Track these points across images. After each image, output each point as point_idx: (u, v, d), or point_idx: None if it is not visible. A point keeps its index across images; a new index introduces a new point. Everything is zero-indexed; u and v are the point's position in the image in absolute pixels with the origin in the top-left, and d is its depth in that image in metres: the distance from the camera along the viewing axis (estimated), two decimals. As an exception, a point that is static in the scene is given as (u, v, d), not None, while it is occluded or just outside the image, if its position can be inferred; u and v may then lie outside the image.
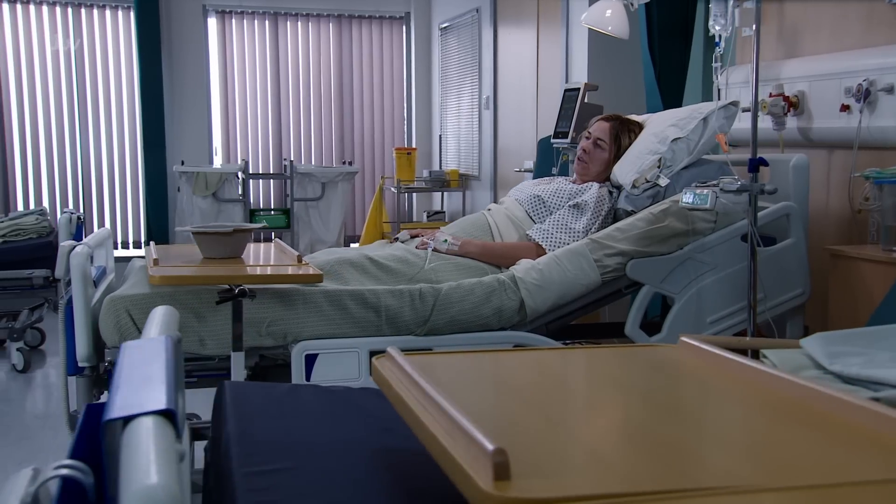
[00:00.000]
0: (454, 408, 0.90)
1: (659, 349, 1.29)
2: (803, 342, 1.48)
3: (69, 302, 2.80)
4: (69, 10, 7.13)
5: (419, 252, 3.26)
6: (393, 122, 7.86)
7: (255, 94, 7.53)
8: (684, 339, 1.26)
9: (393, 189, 7.14)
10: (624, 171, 3.39)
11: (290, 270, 2.62)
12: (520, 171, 5.65)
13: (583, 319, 4.24)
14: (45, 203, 7.16)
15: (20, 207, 7.06)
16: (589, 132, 3.57)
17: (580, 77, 5.03)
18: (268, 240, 7.40)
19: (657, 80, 4.49)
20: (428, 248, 3.28)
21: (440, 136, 7.64)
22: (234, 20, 7.45)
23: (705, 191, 2.88)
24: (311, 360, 2.85)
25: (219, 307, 2.75)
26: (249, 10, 7.42)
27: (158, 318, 1.17)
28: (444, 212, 7.25)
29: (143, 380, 0.84)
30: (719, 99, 4.19)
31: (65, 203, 7.20)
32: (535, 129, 5.70)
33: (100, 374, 2.82)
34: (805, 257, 3.22)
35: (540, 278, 3.04)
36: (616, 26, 3.99)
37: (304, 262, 2.63)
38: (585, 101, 4.18)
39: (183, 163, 6.71)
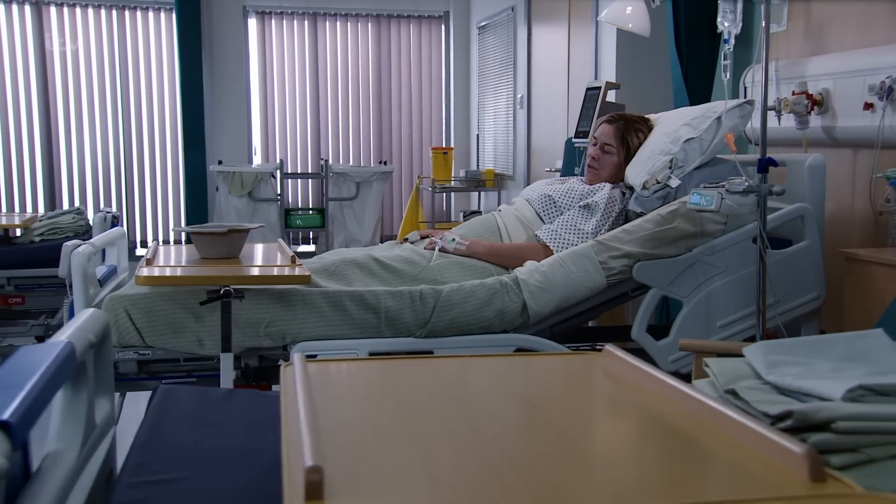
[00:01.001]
0: (304, 419, 0.88)
1: (582, 358, 1.25)
2: (745, 351, 1.42)
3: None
4: (113, 12, 7.26)
5: (425, 252, 3.24)
6: (431, 121, 7.85)
7: (293, 94, 7.58)
8: (608, 348, 1.22)
9: (428, 189, 7.13)
10: (635, 171, 3.33)
11: (276, 272, 2.61)
12: (551, 170, 5.60)
13: (607, 321, 4.20)
14: (90, 202, 7.30)
15: (66, 206, 7.21)
16: (595, 137, 3.51)
17: (609, 76, 4.97)
18: (306, 239, 7.49)
19: (684, 78, 4.41)
20: (435, 248, 3.26)
21: (477, 135, 7.61)
22: (273, 20, 7.51)
23: (711, 192, 2.81)
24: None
25: (217, 309, 2.76)
26: (289, 11, 7.48)
27: (76, 322, 1.17)
28: (480, 211, 7.22)
29: (2, 387, 0.83)
30: (743, 97, 4.12)
31: (108, 202, 7.33)
32: (566, 128, 5.64)
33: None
34: (820, 260, 3.13)
35: (543, 280, 3.00)
36: (637, 23, 3.93)
37: (297, 263, 2.62)
38: (607, 99, 4.12)
39: (220, 162, 6.78)
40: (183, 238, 7.17)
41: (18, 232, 5.57)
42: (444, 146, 7.56)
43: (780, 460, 0.82)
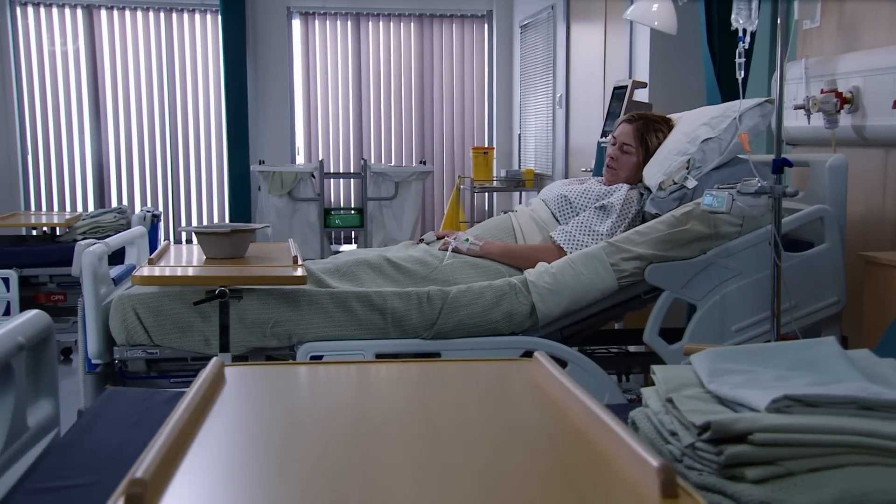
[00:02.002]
0: (168, 429, 0.87)
1: (512, 364, 1.22)
2: (692, 358, 1.38)
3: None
4: (161, 14, 7.38)
5: (439, 253, 3.23)
6: (473, 121, 7.83)
7: (336, 94, 7.63)
8: (537, 355, 1.19)
9: (466, 189, 7.11)
10: (652, 172, 3.27)
11: (271, 272, 2.62)
12: (587, 170, 5.54)
13: (637, 324, 4.14)
14: (137, 201, 7.44)
15: (114, 205, 7.36)
16: (614, 136, 3.46)
17: (642, 74, 4.90)
18: (348, 239, 7.53)
19: (717, 76, 4.33)
20: (448, 249, 3.24)
21: (519, 135, 7.57)
22: (316, 21, 7.56)
23: (723, 193, 2.75)
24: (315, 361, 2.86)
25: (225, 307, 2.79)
26: (332, 11, 7.52)
27: (10, 324, 1.18)
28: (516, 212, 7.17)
29: None
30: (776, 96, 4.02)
31: (154, 202, 7.46)
32: (601, 127, 5.58)
33: (113, 371, 2.90)
34: (840, 264, 3.03)
35: (552, 282, 2.96)
36: (663, 21, 3.86)
37: (299, 264, 2.63)
38: (633, 98, 4.06)
39: (261, 162, 6.86)
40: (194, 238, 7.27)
41: (59, 230, 5.70)
42: (485, 146, 7.53)
43: (638, 475, 0.79)
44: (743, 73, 2.91)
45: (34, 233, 6.17)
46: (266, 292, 2.83)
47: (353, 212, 6.85)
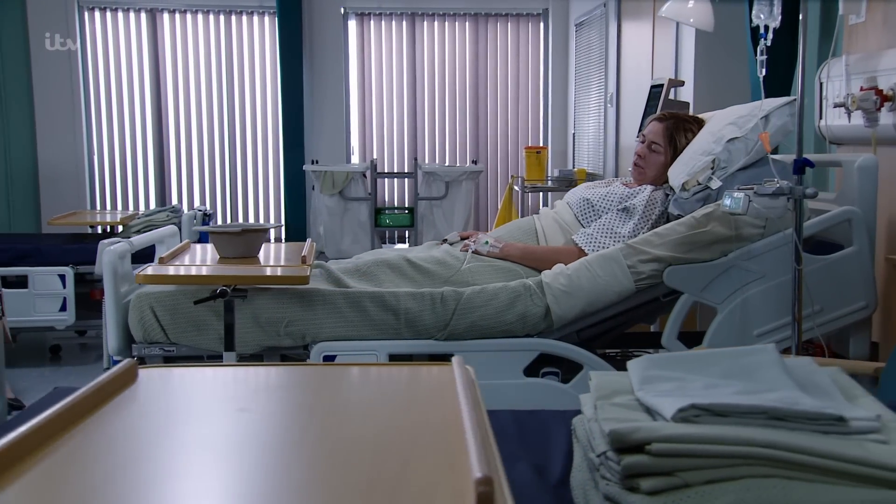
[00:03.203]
0: (34, 421, 0.88)
1: (430, 369, 1.20)
2: (629, 364, 1.35)
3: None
4: (221, 17, 7.52)
5: (460, 255, 3.22)
6: (528, 120, 7.79)
7: (391, 94, 7.67)
8: (455, 359, 1.17)
9: (517, 189, 7.07)
10: (676, 172, 3.21)
11: (272, 272, 2.64)
12: (634, 170, 5.46)
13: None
14: (196, 200, 7.59)
15: (174, 203, 7.53)
16: (643, 135, 3.40)
17: (687, 73, 4.80)
18: (402, 238, 7.56)
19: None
20: (469, 251, 3.23)
21: (573, 134, 7.50)
22: (371, 21, 7.61)
23: (740, 194, 2.68)
24: (329, 361, 2.88)
25: (239, 307, 2.82)
26: (387, 12, 7.56)
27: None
28: (574, 211, 7.10)
29: None
30: (818, 93, 3.90)
31: (213, 201, 7.60)
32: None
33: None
34: (869, 267, 2.93)
35: (568, 284, 2.93)
36: (698, 18, 3.78)
37: (307, 264, 2.65)
38: (670, 97, 3.99)
39: (314, 162, 6.93)
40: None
41: (116, 229, 5.86)
42: (536, 145, 7.48)
43: (465, 486, 0.77)
44: (765, 70, 2.82)
45: (96, 231, 6.34)
46: (280, 292, 2.86)
47: (404, 211, 6.87)
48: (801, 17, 2.78)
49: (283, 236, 7.43)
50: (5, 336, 4.68)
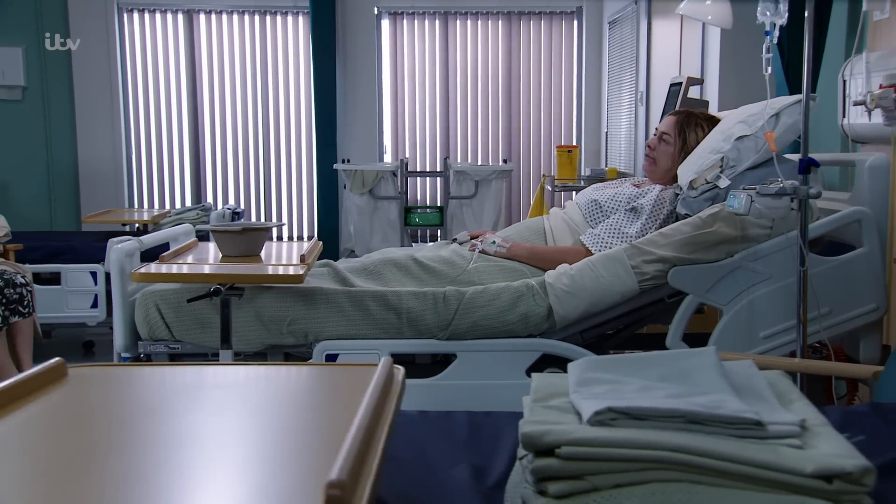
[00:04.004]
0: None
1: (348, 370, 1.20)
2: (570, 366, 1.33)
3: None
4: (255, 17, 7.60)
5: (467, 254, 3.22)
6: (561, 119, 7.75)
7: (423, 93, 7.68)
8: (383, 360, 1.17)
9: (549, 188, 7.04)
10: (685, 171, 3.17)
11: (267, 270, 2.66)
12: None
13: (700, 327, 4.01)
14: (231, 198, 7.68)
15: (209, 201, 7.63)
16: (657, 129, 3.37)
17: (713, 70, 4.74)
18: (433, 237, 7.56)
19: (785, 70, 4.15)
20: (476, 250, 3.23)
21: (606, 133, 7.45)
22: (405, 21, 7.63)
23: (742, 194, 2.64)
24: (331, 359, 2.89)
25: (242, 306, 2.85)
26: (420, 11, 7.58)
27: None
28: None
29: None
30: (841, 91, 3.82)
31: (248, 199, 7.68)
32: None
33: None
34: (880, 269, 2.87)
35: (570, 284, 2.91)
36: (717, 15, 3.73)
37: (306, 263, 2.66)
38: (688, 96, 3.94)
39: (344, 161, 6.97)
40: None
41: (148, 227, 5.95)
42: (569, 144, 7.44)
43: (319, 489, 0.77)
44: (770, 69, 2.78)
45: (130, 228, 6.45)
46: (283, 290, 2.88)
47: (433, 210, 6.88)
48: (806, 14, 2.72)
49: (316, 234, 7.48)
50: (35, 331, 4.79)
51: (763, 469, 1.00)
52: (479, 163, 7.61)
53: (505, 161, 7.41)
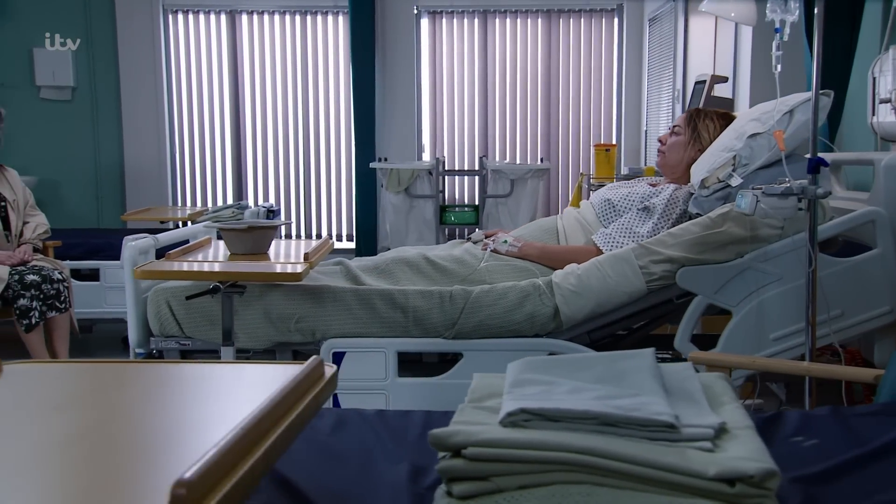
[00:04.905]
0: None
1: (287, 368, 1.20)
2: (508, 366, 1.32)
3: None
4: (296, 17, 7.67)
5: (479, 253, 3.22)
6: (601, 118, 7.69)
7: (462, 91, 7.68)
8: (313, 358, 1.17)
9: (586, 186, 6.98)
10: (698, 169, 3.13)
11: (266, 269, 2.69)
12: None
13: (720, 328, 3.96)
14: (271, 197, 7.77)
15: (250, 200, 7.73)
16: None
17: (745, 67, 4.66)
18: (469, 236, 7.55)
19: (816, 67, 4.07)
20: (487, 249, 3.22)
21: (646, 131, 7.37)
22: (444, 20, 7.64)
23: (749, 194, 2.60)
24: (338, 358, 2.91)
25: (251, 303, 2.89)
26: (460, 10, 7.58)
27: None
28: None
29: None
30: (871, 88, 3.73)
31: (287, 197, 7.76)
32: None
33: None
34: (894, 271, 2.80)
35: (577, 284, 2.89)
36: (741, 13, 3.67)
37: (309, 262, 2.68)
38: (713, 94, 3.88)
39: (380, 160, 7.00)
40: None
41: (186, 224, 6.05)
42: (607, 143, 7.37)
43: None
44: (780, 67, 2.72)
45: (175, 225, 6.56)
46: (291, 288, 2.91)
47: (468, 209, 6.88)
48: (815, 11, 2.66)
49: (355, 233, 7.53)
50: (71, 326, 4.90)
51: (666, 472, 0.99)
52: (518, 161, 7.59)
53: (541, 160, 7.38)
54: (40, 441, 0.97)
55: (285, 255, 2.89)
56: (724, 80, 3.98)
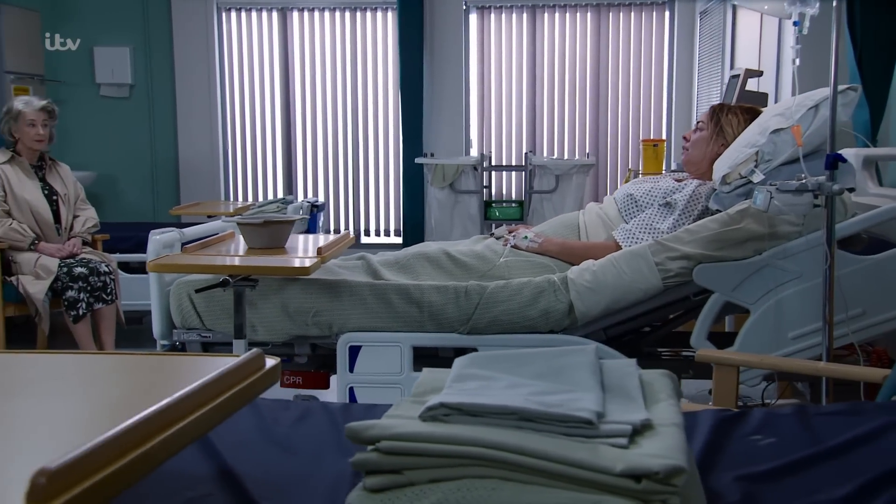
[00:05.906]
0: None
1: (217, 360, 1.20)
2: (455, 361, 1.32)
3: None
4: (346, 13, 7.74)
5: (499, 249, 3.22)
6: (650, 113, 7.60)
7: (510, 87, 7.66)
8: (249, 352, 1.18)
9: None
10: (720, 165, 3.08)
11: (276, 263, 2.72)
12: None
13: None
14: (320, 192, 7.86)
15: (300, 195, 7.83)
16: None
17: (787, 61, 4.57)
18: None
19: (857, 60, 3.98)
20: (507, 245, 3.22)
21: (695, 126, 7.26)
22: (492, 15, 7.63)
23: (764, 190, 2.55)
24: (354, 351, 2.94)
25: (269, 297, 2.93)
26: (508, 5, 7.56)
27: None
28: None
29: None
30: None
31: (336, 193, 7.84)
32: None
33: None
34: (919, 269, 2.72)
35: (592, 280, 2.87)
36: (773, 6, 3.59)
37: (321, 256, 2.71)
38: (746, 88, 3.81)
39: (427, 155, 7.02)
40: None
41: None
42: (656, 138, 7.29)
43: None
44: (798, 60, 2.67)
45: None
46: (309, 282, 2.94)
47: (514, 204, 6.86)
48: (834, 4, 2.60)
49: (401, 228, 7.57)
50: (118, 317, 5.03)
51: (576, 468, 0.99)
52: (566, 157, 7.54)
53: (588, 155, 7.33)
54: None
55: (302, 250, 2.93)
56: (759, 74, 3.91)
